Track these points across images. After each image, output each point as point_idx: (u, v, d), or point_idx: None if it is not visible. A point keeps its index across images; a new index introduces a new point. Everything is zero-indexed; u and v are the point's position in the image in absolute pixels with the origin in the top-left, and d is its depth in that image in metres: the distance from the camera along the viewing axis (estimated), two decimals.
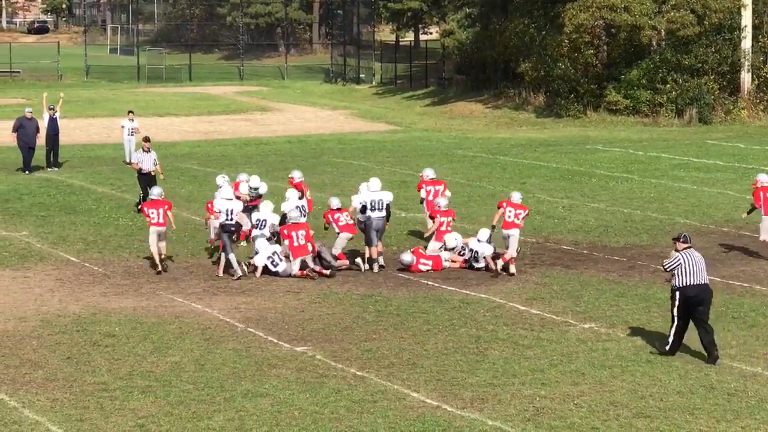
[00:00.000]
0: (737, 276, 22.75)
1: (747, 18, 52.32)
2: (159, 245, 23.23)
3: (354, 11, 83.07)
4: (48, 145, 37.50)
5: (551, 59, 54.80)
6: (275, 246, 23.22)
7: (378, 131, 51.48)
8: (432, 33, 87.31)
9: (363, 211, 23.46)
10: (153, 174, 29.46)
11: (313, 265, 22.72)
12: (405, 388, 15.89)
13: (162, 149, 39.10)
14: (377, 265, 23.23)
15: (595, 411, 14.98)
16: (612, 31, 53.72)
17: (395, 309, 20.21)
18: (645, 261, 23.87)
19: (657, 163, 38.40)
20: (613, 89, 52.69)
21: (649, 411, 14.97)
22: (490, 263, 23.07)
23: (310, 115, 58.49)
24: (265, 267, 22.76)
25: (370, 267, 23.30)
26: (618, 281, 22.28)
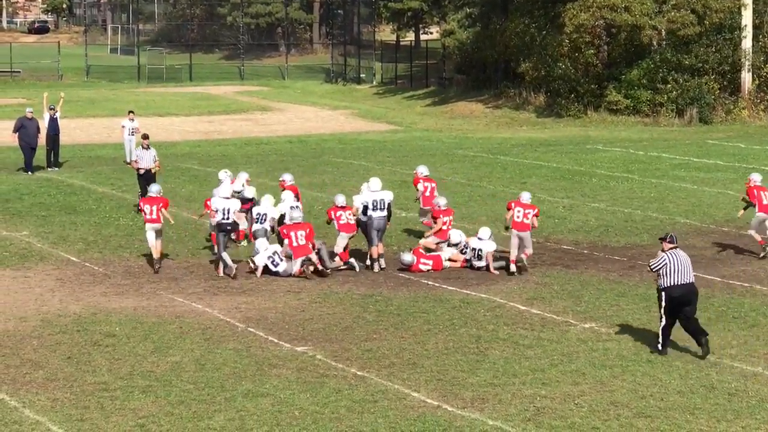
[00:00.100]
0: (738, 276, 22.75)
1: (747, 18, 52.32)
2: (156, 241, 23.34)
3: (354, 11, 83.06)
4: (48, 145, 37.50)
5: (552, 59, 54.79)
6: (275, 246, 23.22)
7: (378, 131, 51.47)
8: (432, 33, 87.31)
9: (365, 211, 23.46)
10: (153, 171, 29.46)
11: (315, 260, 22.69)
12: (405, 387, 15.89)
13: (162, 149, 39.08)
14: (377, 266, 23.22)
15: (596, 411, 14.98)
16: (612, 31, 53.71)
17: (396, 309, 20.21)
18: (645, 261, 23.72)
19: (657, 163, 38.39)
20: (614, 89, 52.68)
21: (650, 411, 14.97)
22: (490, 263, 23.07)
23: (310, 115, 58.49)
24: (266, 267, 22.76)
25: (370, 267, 23.30)
26: (618, 281, 22.28)
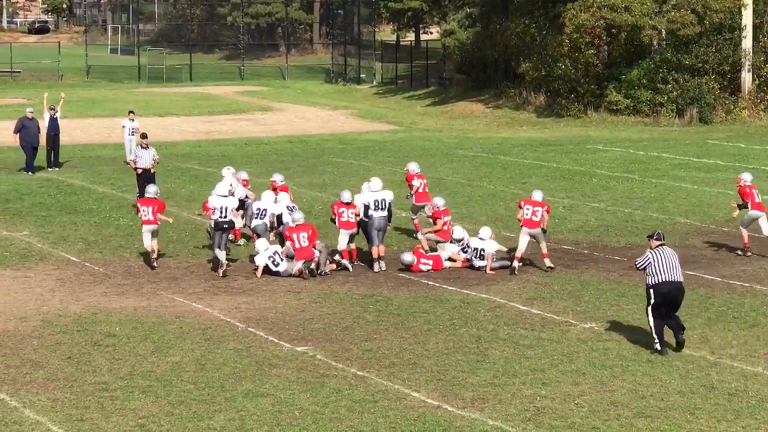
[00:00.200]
0: (738, 276, 22.75)
1: (747, 18, 52.32)
2: (152, 241, 23.45)
3: (354, 11, 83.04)
4: (48, 145, 37.51)
5: (552, 59, 54.80)
6: (276, 246, 23.23)
7: (378, 131, 51.47)
8: (432, 33, 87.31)
9: (366, 211, 23.48)
10: (152, 171, 29.42)
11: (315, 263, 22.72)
12: (406, 387, 15.89)
13: (163, 149, 39.09)
14: (378, 266, 23.22)
15: (596, 411, 14.98)
16: (612, 31, 53.69)
17: (396, 309, 20.21)
18: None
19: (657, 163, 38.39)
20: (614, 89, 52.68)
21: (650, 411, 14.97)
22: (489, 263, 23.07)
23: (310, 115, 58.49)
24: (266, 267, 22.76)
25: (371, 266, 23.31)
26: (619, 281, 22.27)
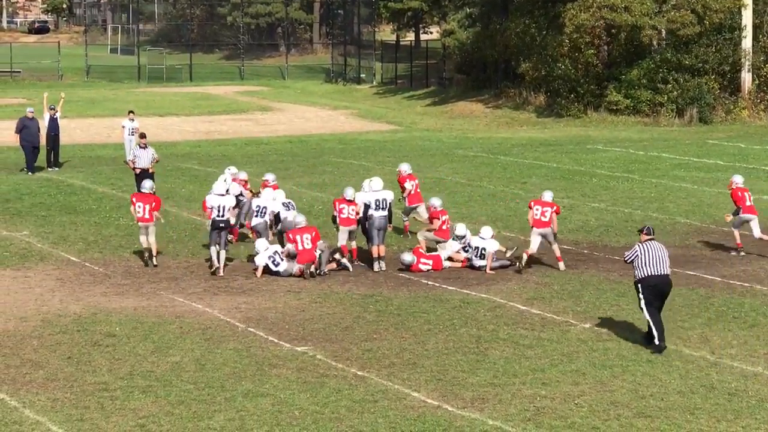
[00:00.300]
0: (738, 276, 22.75)
1: (747, 18, 52.33)
2: (149, 240, 23.51)
3: (354, 11, 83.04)
4: (48, 145, 37.51)
5: (552, 59, 54.81)
6: (276, 246, 23.23)
7: (378, 131, 51.47)
8: (432, 33, 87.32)
9: (366, 210, 23.48)
10: (151, 171, 29.39)
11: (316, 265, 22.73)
12: (405, 387, 15.89)
13: (163, 149, 39.11)
14: (378, 265, 23.21)
15: (596, 411, 14.98)
16: (612, 31, 53.70)
17: (396, 309, 20.20)
18: None
19: (657, 163, 38.39)
20: (614, 89, 52.69)
21: (650, 411, 14.97)
22: (489, 263, 23.07)
23: (310, 115, 58.49)
24: (266, 266, 22.76)
25: (371, 266, 23.31)
26: (619, 281, 22.26)
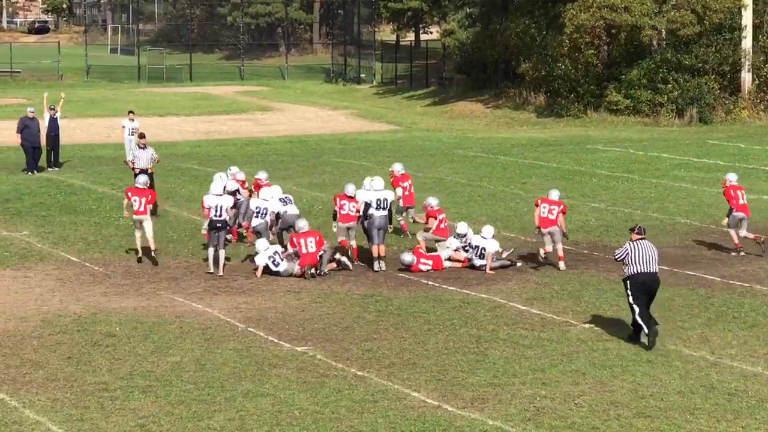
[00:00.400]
0: (737, 276, 22.75)
1: (747, 18, 52.34)
2: (146, 236, 23.63)
3: (354, 11, 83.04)
4: (48, 145, 37.50)
5: (552, 59, 54.81)
6: (276, 246, 23.24)
7: (378, 131, 51.47)
8: (432, 33, 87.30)
9: (366, 209, 23.48)
10: (150, 171, 29.32)
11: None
12: (405, 387, 15.89)
13: (163, 149, 39.10)
14: (378, 265, 23.21)
15: (596, 411, 14.98)
16: (612, 31, 53.71)
17: (396, 309, 20.21)
18: None
19: (657, 163, 38.40)
20: (614, 89, 52.69)
21: (650, 411, 14.97)
22: (489, 263, 23.07)
23: (310, 115, 58.49)
24: (266, 266, 22.76)
25: (371, 266, 23.32)
26: (618, 281, 22.12)
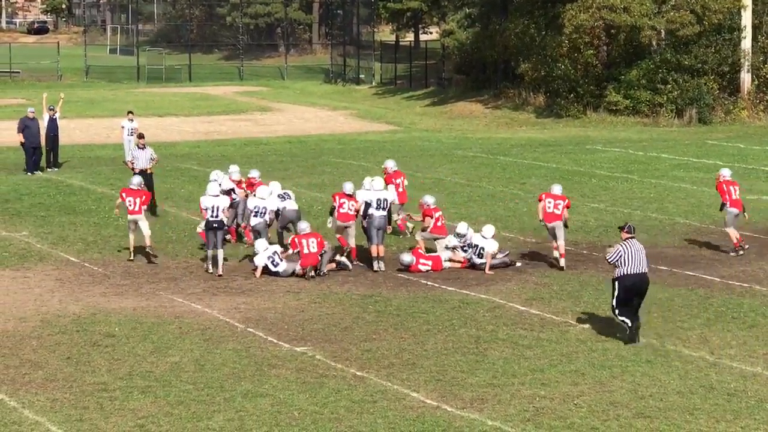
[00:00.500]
0: (737, 276, 22.75)
1: (747, 18, 52.34)
2: (143, 234, 23.73)
3: (354, 11, 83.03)
4: (48, 146, 37.50)
5: (551, 59, 54.81)
6: (275, 246, 23.24)
7: (378, 131, 51.47)
8: (432, 33, 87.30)
9: (366, 209, 23.48)
10: (149, 171, 29.26)
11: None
12: (405, 388, 15.89)
13: (162, 149, 39.08)
14: (377, 265, 23.21)
15: (595, 411, 14.98)
16: (612, 32, 53.71)
17: (395, 309, 20.21)
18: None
19: (657, 164, 38.40)
20: (613, 89, 52.69)
21: (649, 411, 14.98)
22: (488, 263, 23.08)
23: (310, 116, 58.49)
24: (265, 267, 22.76)
25: (370, 266, 23.32)
26: None
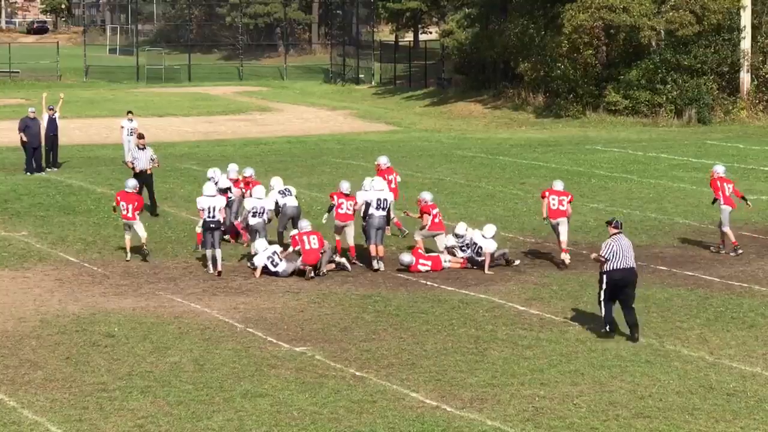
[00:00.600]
0: (736, 276, 22.75)
1: (746, 18, 52.36)
2: (139, 235, 23.95)
3: (353, 11, 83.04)
4: (47, 146, 37.52)
5: (551, 59, 54.83)
6: (275, 246, 23.23)
7: (377, 131, 51.48)
8: (431, 33, 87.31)
9: (366, 209, 23.48)
10: (149, 172, 29.24)
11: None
12: (404, 388, 15.89)
13: (162, 149, 39.10)
14: (377, 265, 23.20)
15: (595, 411, 14.99)
16: (611, 32, 53.73)
17: (394, 309, 20.20)
18: (644, 261, 23.80)
19: (656, 164, 38.41)
20: (613, 89, 52.70)
21: (649, 411, 14.98)
22: (487, 262, 23.07)
23: (309, 116, 58.50)
24: (265, 267, 22.75)
25: (369, 265, 23.31)
26: None
